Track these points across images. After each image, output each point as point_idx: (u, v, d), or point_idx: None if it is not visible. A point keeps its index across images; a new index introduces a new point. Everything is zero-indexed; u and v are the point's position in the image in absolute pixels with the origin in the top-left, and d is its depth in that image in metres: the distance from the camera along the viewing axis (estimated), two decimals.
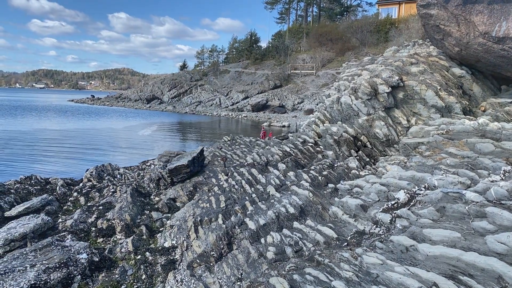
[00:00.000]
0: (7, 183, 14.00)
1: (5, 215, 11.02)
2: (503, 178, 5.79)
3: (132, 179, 15.27)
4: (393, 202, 6.54)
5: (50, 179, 15.30)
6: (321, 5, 78.97)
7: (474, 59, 10.99)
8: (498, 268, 3.97)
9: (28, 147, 26.26)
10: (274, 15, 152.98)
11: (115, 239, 10.07)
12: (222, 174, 13.21)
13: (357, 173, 10.06)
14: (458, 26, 10.47)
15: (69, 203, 12.78)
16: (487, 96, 11.55)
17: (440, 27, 11.05)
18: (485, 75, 12.06)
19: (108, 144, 29.05)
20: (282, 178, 10.49)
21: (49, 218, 10.63)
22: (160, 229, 10.63)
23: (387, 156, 10.88)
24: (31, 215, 10.72)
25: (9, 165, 20.53)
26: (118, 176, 15.96)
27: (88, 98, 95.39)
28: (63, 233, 9.96)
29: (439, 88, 11.08)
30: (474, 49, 10.44)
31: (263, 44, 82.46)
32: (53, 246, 8.39)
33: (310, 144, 13.63)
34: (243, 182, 10.95)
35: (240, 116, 52.48)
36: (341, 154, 11.81)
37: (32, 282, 7.06)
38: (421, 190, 6.55)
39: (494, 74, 11.67)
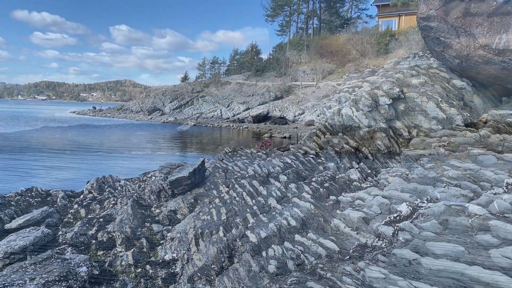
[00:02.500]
0: (8, 195, 13.95)
1: (5, 228, 10.97)
2: (506, 190, 5.76)
3: (133, 191, 15.23)
4: (395, 215, 6.49)
5: (50, 191, 15.26)
6: (321, 18, 79.77)
7: (474, 71, 11.05)
8: (503, 283, 3.91)
9: (29, 158, 26.27)
10: (275, 27, 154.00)
11: (116, 251, 9.99)
12: (223, 186, 13.16)
13: (359, 185, 10.01)
14: (458, 38, 10.55)
15: (69, 215, 12.72)
16: (488, 107, 11.57)
17: (440, 39, 11.14)
18: (485, 87, 12.10)
19: (109, 156, 29.06)
20: (284, 190, 10.45)
21: (49, 230, 10.57)
22: (161, 242, 10.55)
23: (388, 168, 10.84)
24: (31, 227, 10.67)
25: (9, 176, 20.51)
26: (119, 188, 15.92)
27: (89, 109, 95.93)
28: (63, 246, 9.89)
29: (440, 100, 11.11)
30: (474, 61, 10.50)
31: (264, 56, 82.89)
32: (53, 259, 8.33)
33: (312, 155, 13.61)
34: (244, 194, 10.91)
35: (241, 127, 52.51)
36: (343, 165, 11.79)
37: None
38: (424, 202, 6.51)
39: (495, 86, 11.71)
